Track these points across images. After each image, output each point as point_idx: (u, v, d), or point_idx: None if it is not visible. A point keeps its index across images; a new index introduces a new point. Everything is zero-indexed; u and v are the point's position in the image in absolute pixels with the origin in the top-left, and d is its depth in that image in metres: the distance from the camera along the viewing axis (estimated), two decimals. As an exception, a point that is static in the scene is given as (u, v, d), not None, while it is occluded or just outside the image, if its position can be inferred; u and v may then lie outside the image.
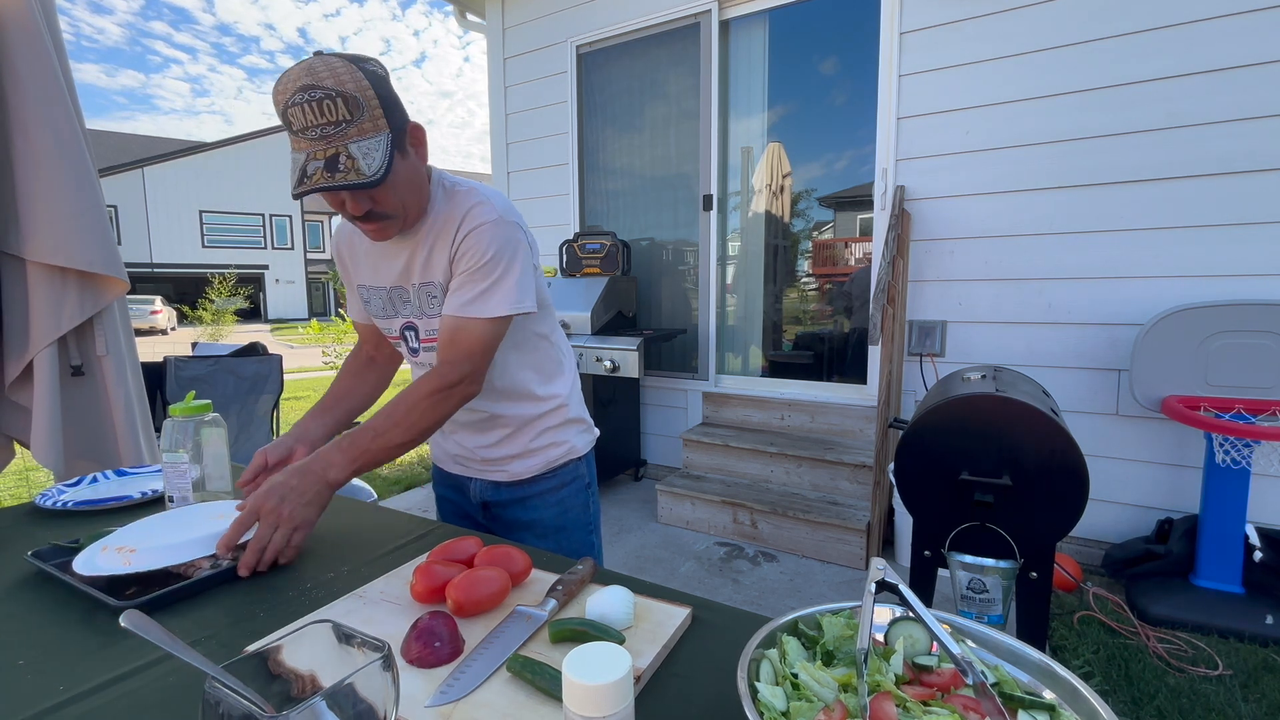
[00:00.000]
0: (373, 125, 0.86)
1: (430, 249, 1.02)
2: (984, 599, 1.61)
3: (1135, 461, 2.62)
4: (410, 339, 1.11)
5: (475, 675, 0.61)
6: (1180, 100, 2.45)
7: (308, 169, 0.85)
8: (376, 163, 0.86)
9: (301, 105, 0.83)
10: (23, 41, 1.42)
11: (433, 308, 1.05)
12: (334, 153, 0.84)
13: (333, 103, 0.83)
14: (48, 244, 1.48)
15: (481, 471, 1.19)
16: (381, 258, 1.08)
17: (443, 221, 1.01)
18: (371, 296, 1.13)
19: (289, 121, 0.84)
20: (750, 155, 3.72)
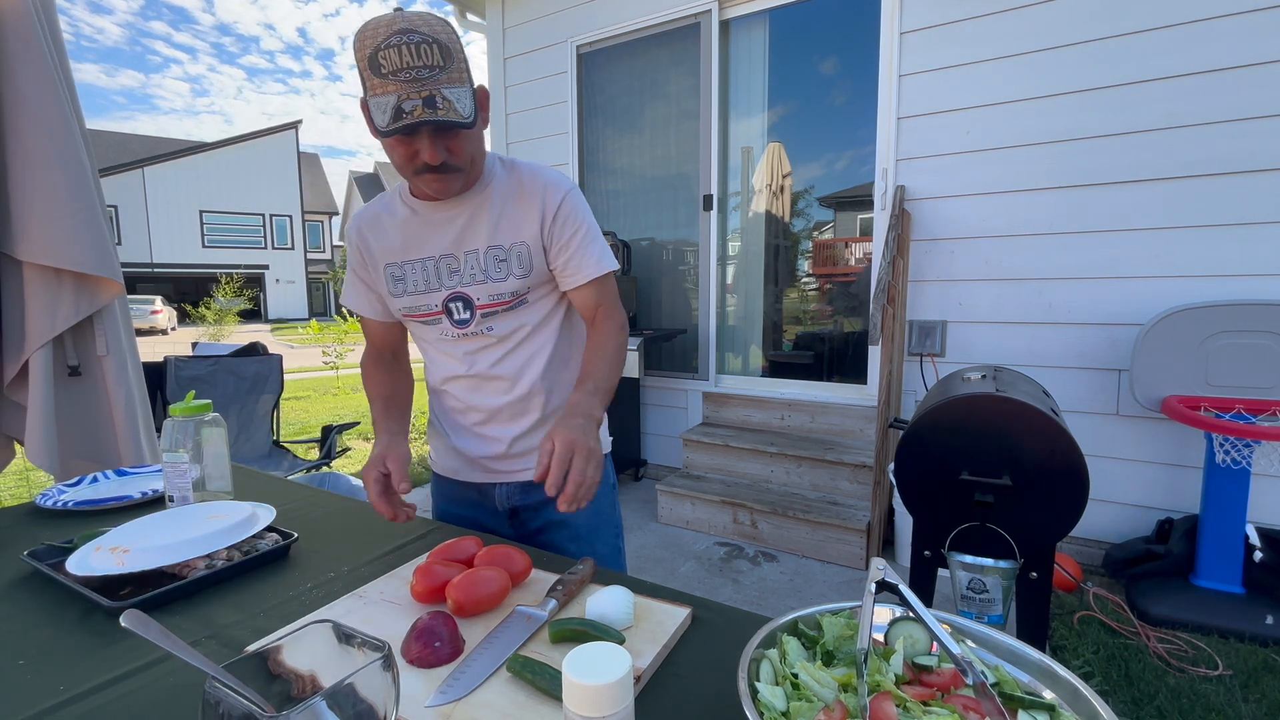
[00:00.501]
0: (459, 76, 0.86)
1: (501, 212, 1.02)
2: (984, 599, 1.61)
3: (1135, 461, 2.62)
4: (457, 310, 1.06)
5: (475, 675, 0.61)
6: (1180, 100, 2.45)
7: (404, 106, 0.82)
8: (469, 107, 0.87)
9: (398, 47, 0.81)
10: (19, 43, 1.42)
11: (500, 271, 1.03)
12: (429, 93, 0.83)
13: (429, 47, 0.83)
14: (42, 245, 1.47)
15: (510, 473, 1.14)
16: (426, 227, 1.04)
17: (512, 187, 1.03)
18: (408, 272, 1.08)
19: (378, 64, 0.82)
20: (750, 155, 3.72)
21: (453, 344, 1.09)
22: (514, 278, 1.03)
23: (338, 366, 9.18)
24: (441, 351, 1.12)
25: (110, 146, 25.23)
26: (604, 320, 1.07)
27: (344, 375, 9.66)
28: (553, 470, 0.81)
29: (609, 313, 1.08)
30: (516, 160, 1.07)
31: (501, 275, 1.03)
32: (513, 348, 1.08)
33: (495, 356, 1.08)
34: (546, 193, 1.02)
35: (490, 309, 1.05)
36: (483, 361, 1.09)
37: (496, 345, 1.08)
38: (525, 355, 1.09)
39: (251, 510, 0.96)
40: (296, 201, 29.04)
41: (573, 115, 4.05)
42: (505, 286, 1.03)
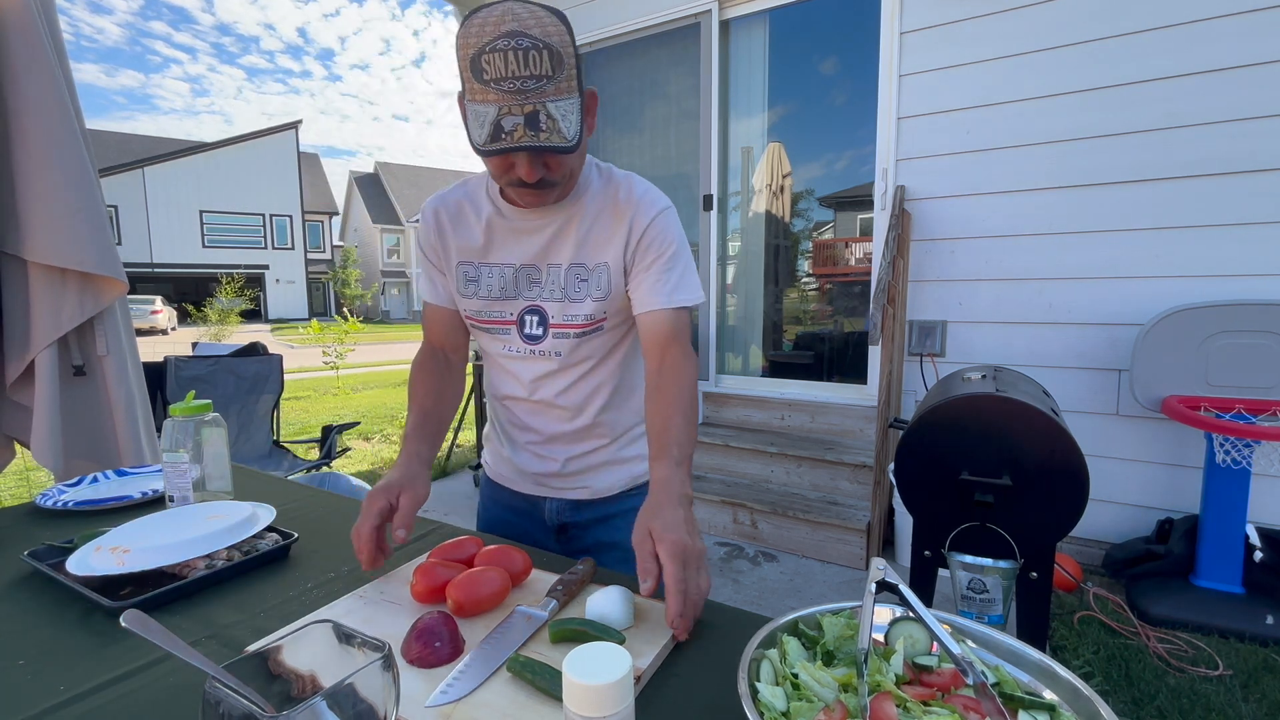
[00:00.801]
0: (568, 85, 0.78)
1: (589, 229, 0.95)
2: (984, 599, 1.61)
3: (1135, 461, 2.62)
4: (530, 324, 1.00)
5: (475, 675, 0.61)
6: (1180, 100, 2.45)
7: (503, 124, 0.75)
8: (573, 127, 0.79)
9: (504, 53, 0.73)
10: (21, 43, 1.42)
11: (580, 291, 0.96)
12: (533, 109, 0.75)
13: (539, 54, 0.74)
14: (47, 245, 1.48)
15: (561, 490, 1.10)
16: (512, 232, 0.97)
17: (605, 201, 0.96)
18: (483, 275, 1.00)
19: (481, 68, 0.75)
20: (750, 155, 3.72)
21: (517, 362, 1.03)
22: (591, 300, 0.97)
23: (338, 366, 9.18)
24: (503, 369, 1.06)
25: (110, 146, 25.25)
26: (675, 366, 0.94)
27: (344, 375, 9.67)
28: (672, 600, 0.67)
29: (680, 355, 0.96)
30: (614, 170, 0.99)
31: (579, 295, 0.97)
32: (578, 378, 1.02)
33: (559, 386, 1.02)
34: (638, 211, 0.94)
35: (563, 329, 0.98)
36: (546, 389, 1.03)
37: (561, 374, 1.02)
38: (590, 386, 1.03)
39: (251, 510, 0.96)
40: (296, 201, 29.06)
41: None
42: (581, 308, 0.97)
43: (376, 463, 4.60)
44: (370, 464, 4.57)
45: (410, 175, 37.46)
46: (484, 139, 0.77)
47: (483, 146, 0.78)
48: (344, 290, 32.56)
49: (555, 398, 1.03)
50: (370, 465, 4.54)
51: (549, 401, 1.03)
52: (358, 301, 32.94)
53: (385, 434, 5.55)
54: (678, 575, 0.68)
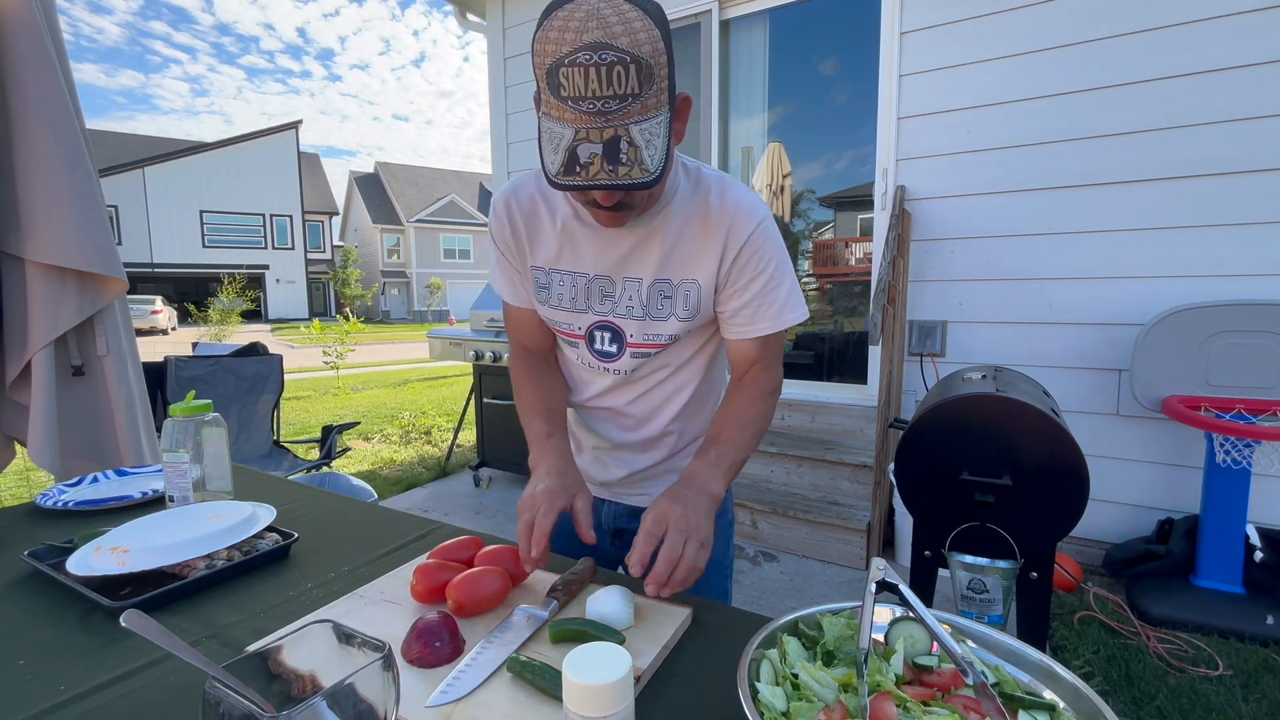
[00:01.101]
0: (656, 101, 0.68)
1: (676, 241, 0.86)
2: (984, 599, 1.61)
3: (1136, 461, 2.62)
4: (601, 340, 0.93)
5: (476, 675, 0.61)
6: (1180, 100, 2.45)
7: (579, 153, 0.67)
8: (658, 154, 0.69)
9: (585, 68, 0.64)
10: (23, 42, 1.42)
11: (663, 310, 0.88)
12: (613, 135, 0.66)
13: (624, 70, 0.64)
14: (47, 244, 1.48)
15: (621, 495, 1.06)
16: (588, 240, 0.88)
17: (694, 210, 0.86)
18: (554, 283, 0.92)
19: (558, 83, 0.65)
20: (751, 155, 3.72)
21: (587, 372, 0.98)
22: (676, 319, 0.89)
23: (338, 366, 9.19)
24: (572, 374, 1.01)
25: (110, 146, 25.26)
26: (755, 381, 0.91)
27: (344, 375, 9.67)
28: (637, 545, 0.70)
29: (763, 373, 0.92)
30: (704, 171, 0.89)
31: (663, 314, 0.88)
32: (651, 388, 0.96)
33: (630, 395, 0.97)
34: (734, 223, 0.84)
35: (643, 349, 0.91)
36: (616, 398, 0.98)
37: (632, 385, 0.96)
38: (662, 396, 0.97)
39: (251, 510, 0.96)
40: (297, 201, 29.07)
41: (573, 115, 4.05)
42: (664, 328, 0.89)
43: (376, 463, 4.60)
44: (370, 464, 4.57)
45: (410, 175, 37.45)
46: (557, 169, 0.69)
47: (555, 178, 0.70)
48: (344, 290, 32.56)
49: (625, 406, 0.98)
50: (370, 465, 4.54)
51: (617, 409, 0.98)
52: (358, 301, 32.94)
53: (385, 434, 5.55)
54: (673, 543, 0.70)
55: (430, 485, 4.03)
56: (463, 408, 4.60)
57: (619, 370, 0.94)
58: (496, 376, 3.69)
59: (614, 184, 0.68)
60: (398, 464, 4.55)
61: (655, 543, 0.71)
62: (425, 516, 1.09)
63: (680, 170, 0.88)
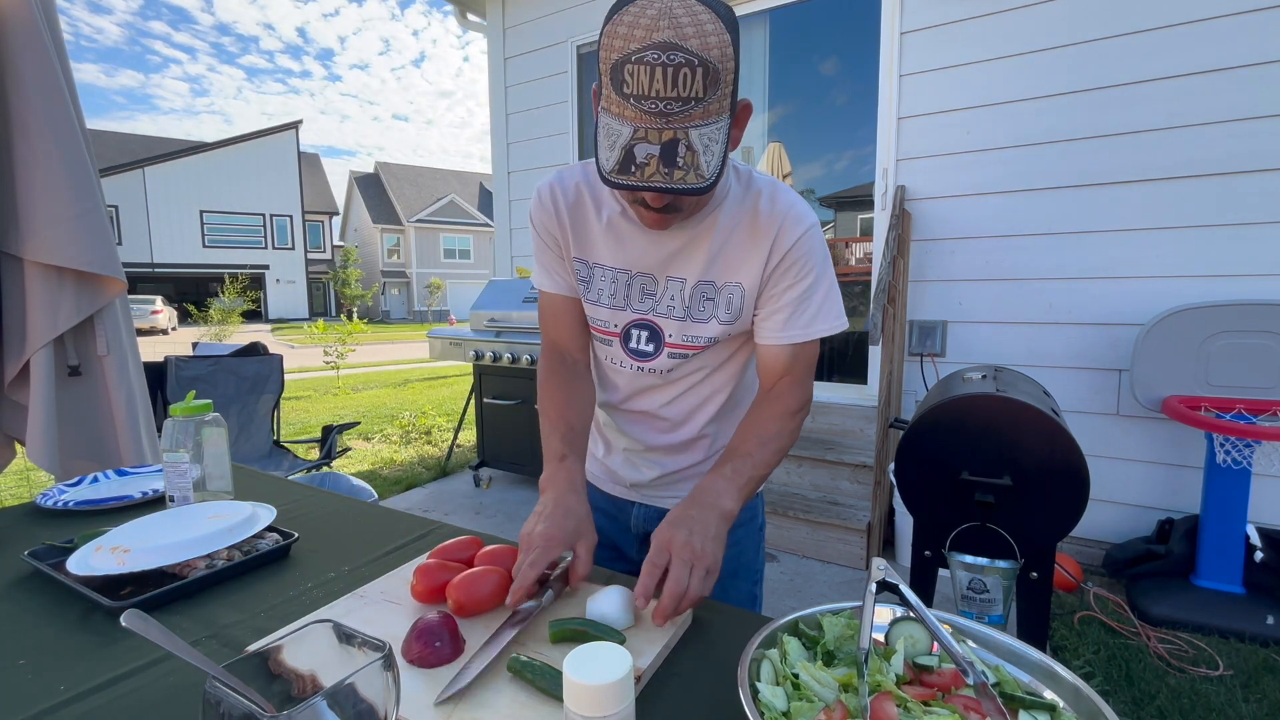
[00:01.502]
0: (719, 107, 0.67)
1: (724, 243, 0.85)
2: (984, 599, 1.61)
3: (1136, 461, 2.62)
4: (637, 339, 0.91)
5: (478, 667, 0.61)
6: (1180, 100, 2.45)
7: (636, 153, 0.66)
8: (715, 160, 0.68)
9: (652, 67, 0.62)
10: (23, 42, 1.42)
11: (704, 312, 0.87)
12: (672, 137, 0.65)
13: (691, 73, 0.63)
14: (46, 244, 1.48)
15: (652, 498, 1.03)
16: (633, 236, 0.87)
17: (743, 213, 0.85)
18: (595, 277, 0.91)
19: (622, 79, 0.64)
20: (751, 155, 3.72)
21: (621, 374, 0.96)
22: (717, 322, 0.88)
23: (338, 366, 9.19)
24: (605, 375, 0.99)
25: (110, 146, 25.28)
26: (780, 397, 0.88)
27: (344, 375, 9.67)
28: (641, 578, 0.68)
29: (792, 388, 0.89)
30: (755, 175, 0.88)
31: (704, 316, 0.88)
32: (685, 390, 0.94)
33: (665, 397, 0.95)
34: (783, 227, 0.83)
35: (681, 350, 0.90)
36: (650, 400, 0.96)
37: (667, 387, 0.94)
38: (697, 399, 0.96)
39: (252, 510, 0.96)
40: (297, 201, 29.09)
41: (573, 115, 4.05)
42: (705, 330, 0.88)
43: (376, 463, 4.60)
44: (370, 464, 4.57)
45: (411, 175, 37.46)
46: (612, 166, 0.68)
47: (609, 175, 0.69)
48: (344, 290, 32.57)
49: (660, 409, 0.96)
50: (370, 465, 4.54)
51: (652, 412, 0.96)
52: (358, 301, 32.94)
53: (385, 434, 5.55)
54: (677, 575, 0.68)
55: (430, 485, 4.03)
56: (463, 408, 4.60)
57: (654, 370, 0.92)
58: (496, 376, 3.70)
59: (668, 187, 0.67)
60: (398, 464, 4.55)
61: (659, 573, 0.69)
62: (425, 516, 1.09)
63: (731, 173, 0.87)
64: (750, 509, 1.04)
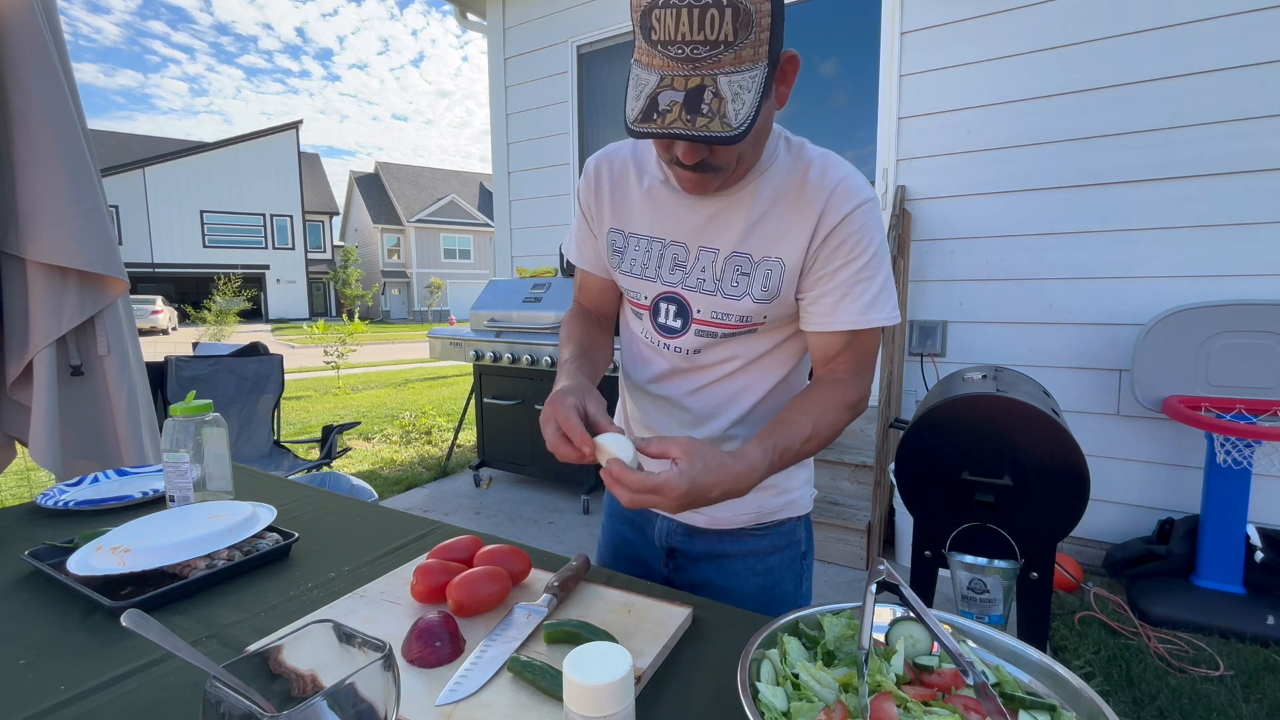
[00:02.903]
0: (752, 54, 0.63)
1: (765, 213, 0.79)
2: (985, 599, 1.61)
3: (1136, 462, 2.62)
4: (665, 314, 0.86)
5: (482, 674, 0.61)
6: (1181, 100, 2.45)
7: (659, 99, 0.63)
8: (745, 109, 0.63)
9: (678, 9, 0.60)
10: (25, 41, 1.42)
11: (738, 287, 0.81)
12: (698, 84, 0.62)
13: (720, 14, 0.60)
14: (48, 244, 1.48)
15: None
16: (670, 204, 0.83)
17: (790, 182, 0.79)
18: (629, 247, 0.87)
19: (650, 26, 0.62)
20: (751, 155, 3.72)
21: (651, 351, 0.91)
22: (751, 299, 0.80)
23: (339, 366, 9.19)
24: (638, 353, 0.94)
25: (111, 146, 25.29)
26: (841, 383, 0.81)
27: (345, 375, 9.67)
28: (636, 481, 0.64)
29: (848, 375, 0.82)
30: (807, 145, 0.82)
31: (737, 292, 0.81)
32: (715, 380, 0.87)
33: (690, 385, 0.89)
34: (833, 199, 0.77)
35: (709, 327, 0.83)
36: (675, 385, 0.89)
37: (696, 372, 0.88)
38: (728, 392, 0.88)
39: (252, 510, 0.96)
40: (297, 201, 29.09)
41: (573, 115, 4.05)
42: (737, 307, 0.81)
43: (377, 463, 4.60)
44: (371, 464, 4.57)
45: (411, 175, 37.47)
46: (635, 115, 0.65)
47: (632, 124, 0.65)
48: (345, 290, 32.58)
49: (683, 397, 0.89)
50: (371, 465, 4.54)
51: (674, 400, 0.90)
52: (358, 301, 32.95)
53: (385, 434, 5.55)
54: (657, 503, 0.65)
55: (430, 485, 4.03)
56: (463, 408, 4.60)
57: (681, 349, 0.87)
58: (497, 376, 3.70)
59: (689, 134, 0.63)
60: (398, 464, 4.55)
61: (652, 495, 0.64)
62: (425, 516, 1.09)
63: (782, 142, 0.82)
64: (790, 534, 0.96)
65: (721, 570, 0.94)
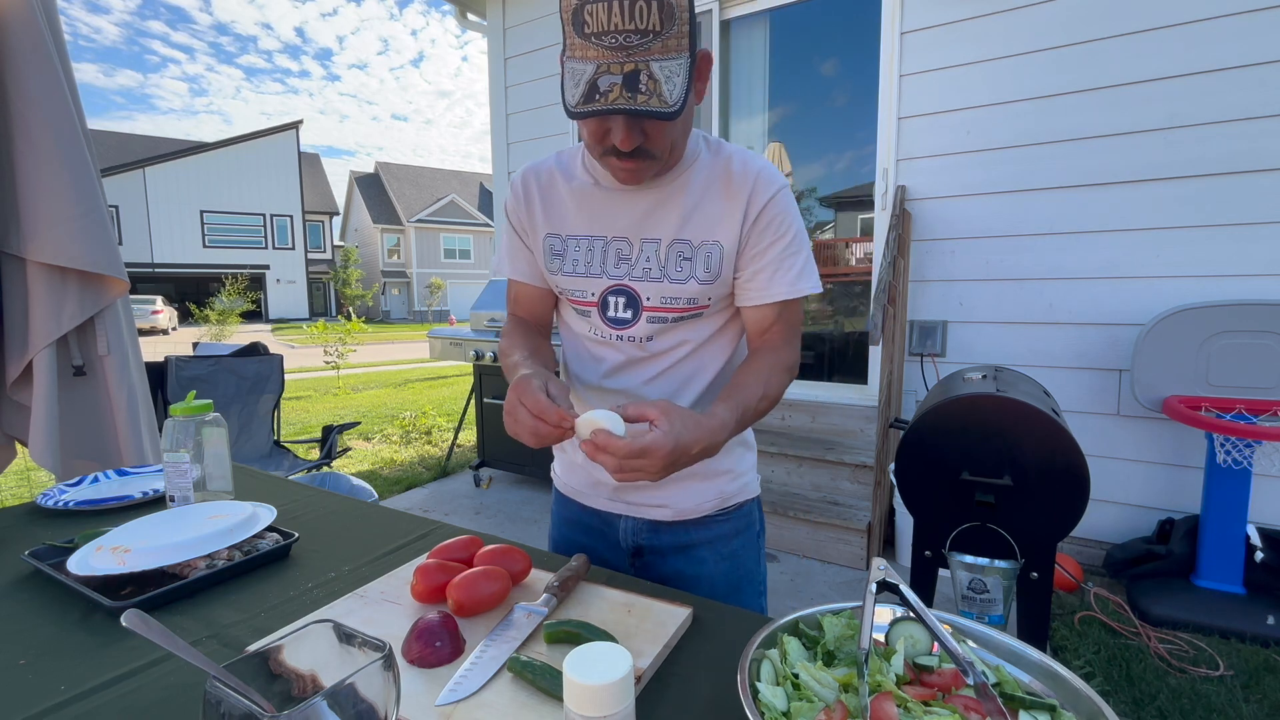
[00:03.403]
0: (677, 44, 0.70)
1: (698, 202, 0.86)
2: (985, 599, 1.61)
3: (1136, 462, 2.62)
4: (615, 306, 0.90)
5: (482, 674, 0.61)
6: (1181, 100, 2.45)
7: (599, 83, 0.69)
8: (677, 90, 0.70)
9: (609, 3, 0.66)
10: (24, 42, 1.42)
11: (682, 271, 0.87)
12: (634, 68, 0.68)
13: (647, 6, 0.67)
14: (48, 244, 1.48)
15: (639, 506, 0.98)
16: (604, 203, 0.89)
17: (715, 173, 0.87)
18: (569, 249, 0.92)
19: (582, 20, 0.68)
20: (751, 155, 3.72)
21: (602, 346, 0.94)
22: (696, 281, 0.87)
23: (339, 366, 9.19)
24: (587, 352, 0.96)
25: (111, 146, 25.27)
26: (777, 349, 0.89)
27: (345, 375, 9.67)
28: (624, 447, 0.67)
29: (783, 343, 0.90)
30: (725, 143, 0.91)
31: (682, 276, 0.87)
32: (669, 366, 0.92)
33: (646, 374, 0.92)
34: (758, 185, 0.85)
35: (660, 313, 0.89)
36: (631, 376, 0.93)
37: (649, 361, 0.92)
38: (681, 377, 0.93)
39: (252, 510, 0.96)
40: (297, 201, 29.08)
41: (573, 115, 4.05)
42: (683, 290, 0.87)
43: (377, 463, 4.60)
44: (371, 464, 4.57)
45: (411, 175, 37.46)
46: (577, 99, 0.70)
47: (574, 107, 0.70)
48: (345, 290, 32.57)
49: (639, 387, 0.92)
50: (371, 465, 4.54)
51: (629, 392, 0.93)
52: (358, 301, 32.94)
53: (385, 434, 5.55)
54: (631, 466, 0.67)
55: (430, 485, 4.03)
56: (463, 408, 4.60)
57: (634, 338, 0.91)
58: (496, 376, 3.69)
59: (634, 109, 0.69)
60: (398, 464, 4.55)
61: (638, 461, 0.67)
62: (425, 516, 1.09)
63: (702, 140, 0.89)
64: (747, 515, 1.02)
65: (690, 559, 0.98)
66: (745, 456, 1.02)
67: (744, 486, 1.01)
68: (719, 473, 0.97)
